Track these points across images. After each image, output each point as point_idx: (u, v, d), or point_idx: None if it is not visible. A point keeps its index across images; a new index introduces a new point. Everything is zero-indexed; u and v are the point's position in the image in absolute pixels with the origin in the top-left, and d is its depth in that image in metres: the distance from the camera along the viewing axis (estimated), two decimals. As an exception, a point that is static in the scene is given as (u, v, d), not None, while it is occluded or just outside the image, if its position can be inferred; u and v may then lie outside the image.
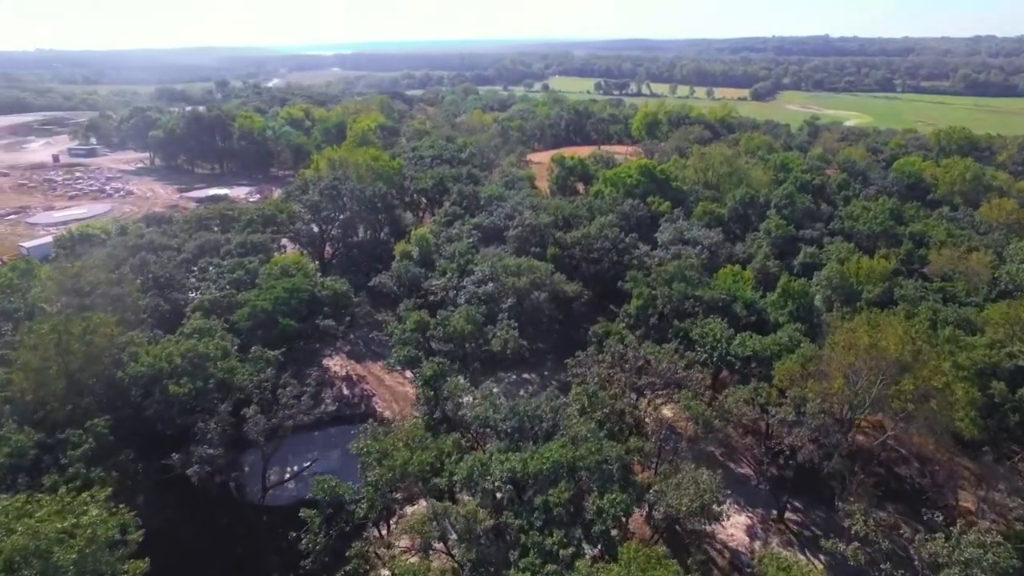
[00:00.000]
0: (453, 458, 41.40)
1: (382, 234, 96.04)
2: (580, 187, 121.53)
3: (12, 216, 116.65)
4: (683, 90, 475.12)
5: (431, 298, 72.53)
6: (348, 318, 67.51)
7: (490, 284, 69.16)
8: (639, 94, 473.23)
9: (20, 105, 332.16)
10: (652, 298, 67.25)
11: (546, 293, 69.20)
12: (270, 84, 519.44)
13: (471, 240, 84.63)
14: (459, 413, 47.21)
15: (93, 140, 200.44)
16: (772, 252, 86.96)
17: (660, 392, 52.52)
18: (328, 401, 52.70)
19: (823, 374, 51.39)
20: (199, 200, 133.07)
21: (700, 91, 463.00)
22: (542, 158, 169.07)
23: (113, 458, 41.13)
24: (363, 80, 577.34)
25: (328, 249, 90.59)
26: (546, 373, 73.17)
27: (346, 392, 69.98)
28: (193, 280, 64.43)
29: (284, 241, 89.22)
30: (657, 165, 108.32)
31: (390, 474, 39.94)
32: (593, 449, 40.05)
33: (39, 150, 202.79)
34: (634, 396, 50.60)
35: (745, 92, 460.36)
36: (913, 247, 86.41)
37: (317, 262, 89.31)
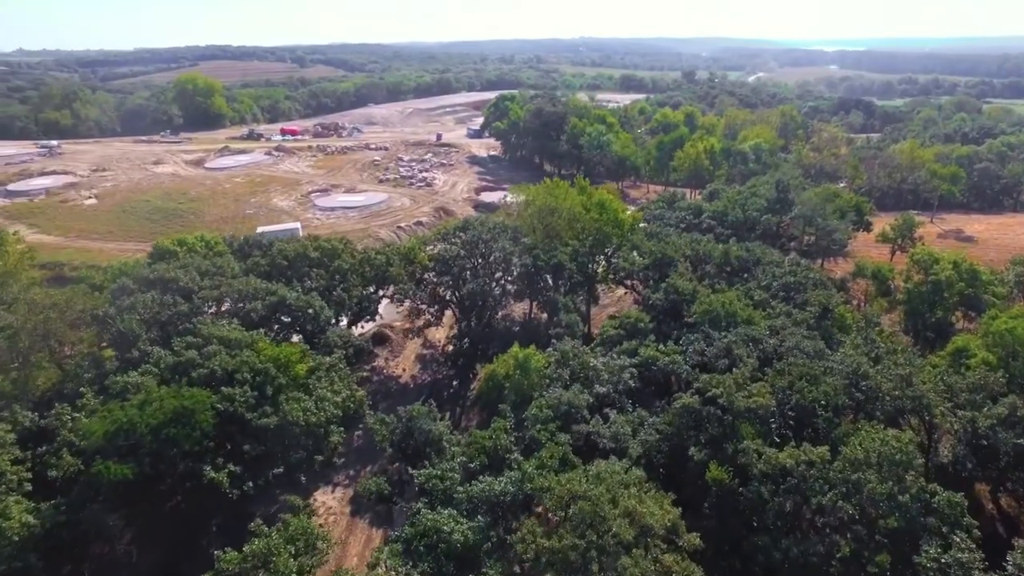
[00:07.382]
0: None
1: (540, 314, 66.25)
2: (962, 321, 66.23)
3: (317, 192, 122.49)
4: None
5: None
6: (279, 468, 43.06)
7: (477, 522, 35.11)
8: None
9: (515, 83, 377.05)
10: None
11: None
12: (751, 78, 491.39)
13: (609, 389, 48.65)
14: None
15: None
16: None
17: None
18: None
19: None
20: (479, 204, 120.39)
21: None
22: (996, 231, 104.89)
23: None
24: (846, 82, 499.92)
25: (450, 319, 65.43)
26: None
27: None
28: (159, 349, 47.78)
29: (384, 303, 66.57)
30: None
31: None
32: None
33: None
34: None
35: None
36: None
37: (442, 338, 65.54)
